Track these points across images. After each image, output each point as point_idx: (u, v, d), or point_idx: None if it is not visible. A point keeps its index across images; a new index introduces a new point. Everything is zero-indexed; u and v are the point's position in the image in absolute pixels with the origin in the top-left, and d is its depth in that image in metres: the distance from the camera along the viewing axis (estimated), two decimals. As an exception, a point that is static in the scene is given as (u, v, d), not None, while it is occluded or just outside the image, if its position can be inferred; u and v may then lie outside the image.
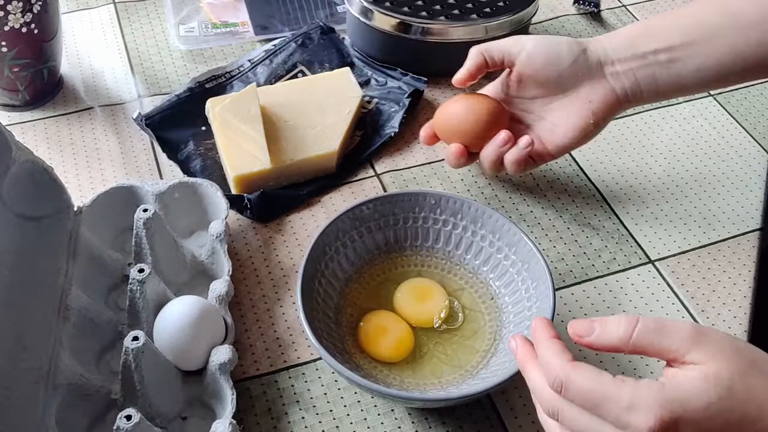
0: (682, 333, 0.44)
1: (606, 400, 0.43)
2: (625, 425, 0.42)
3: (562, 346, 0.47)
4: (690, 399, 0.42)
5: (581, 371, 0.44)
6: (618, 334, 0.45)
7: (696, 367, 0.43)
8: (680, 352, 0.43)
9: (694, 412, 0.42)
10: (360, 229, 0.67)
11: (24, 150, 0.63)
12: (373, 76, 0.88)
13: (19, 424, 0.54)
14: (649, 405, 0.42)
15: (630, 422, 0.42)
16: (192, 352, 0.59)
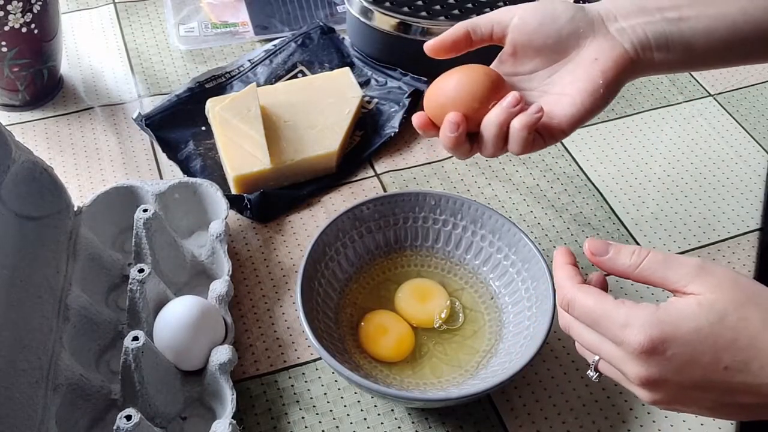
0: (686, 266, 0.46)
1: (604, 318, 0.46)
2: (620, 341, 0.45)
3: (573, 271, 0.50)
4: (681, 321, 0.44)
5: (585, 292, 0.47)
6: (627, 261, 0.48)
7: (694, 296, 0.45)
8: (681, 284, 0.45)
9: (684, 333, 0.44)
10: (360, 229, 0.67)
11: (24, 150, 0.63)
12: (373, 76, 0.88)
13: (19, 424, 0.54)
14: (642, 323, 0.44)
15: (624, 339, 0.44)
16: (192, 352, 0.59)
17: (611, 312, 0.46)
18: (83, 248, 0.64)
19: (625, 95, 0.88)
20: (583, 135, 0.83)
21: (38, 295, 0.61)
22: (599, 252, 0.49)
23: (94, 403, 0.58)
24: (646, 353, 0.44)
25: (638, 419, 0.60)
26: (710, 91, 0.89)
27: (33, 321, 0.59)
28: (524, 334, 0.60)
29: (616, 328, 0.45)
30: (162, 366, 0.57)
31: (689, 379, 0.44)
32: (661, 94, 0.88)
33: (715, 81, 0.90)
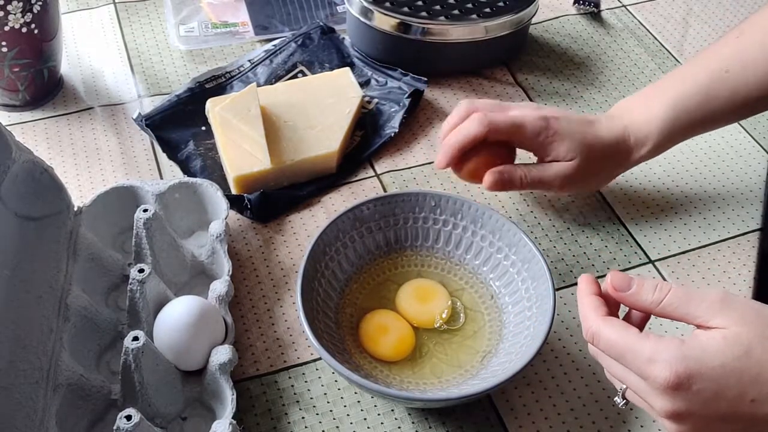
0: (708, 301, 0.46)
1: (630, 352, 0.46)
2: (646, 376, 0.45)
3: (598, 302, 0.50)
4: (706, 356, 0.44)
5: (610, 325, 0.48)
6: (649, 298, 0.48)
7: (719, 330, 0.45)
8: (705, 318, 0.46)
9: (709, 369, 0.44)
10: (360, 229, 0.67)
11: (24, 150, 0.63)
12: (373, 76, 0.88)
13: (19, 424, 0.54)
14: (667, 359, 0.45)
15: (650, 374, 0.45)
16: (192, 352, 0.59)
17: (636, 346, 0.46)
18: (83, 248, 0.64)
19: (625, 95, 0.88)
20: (583, 135, 0.83)
21: (38, 295, 0.61)
22: (622, 287, 0.49)
23: (94, 403, 0.58)
24: (672, 388, 0.44)
25: (638, 419, 0.60)
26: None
27: (33, 321, 0.59)
28: (524, 334, 0.60)
29: (641, 362, 0.46)
30: (162, 366, 0.57)
31: (715, 412, 0.44)
32: (661, 94, 0.88)
33: (715, 81, 0.90)
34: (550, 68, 0.90)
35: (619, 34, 0.95)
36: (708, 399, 0.44)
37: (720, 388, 0.44)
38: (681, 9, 1.00)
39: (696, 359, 0.44)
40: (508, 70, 0.90)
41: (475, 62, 0.89)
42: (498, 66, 0.90)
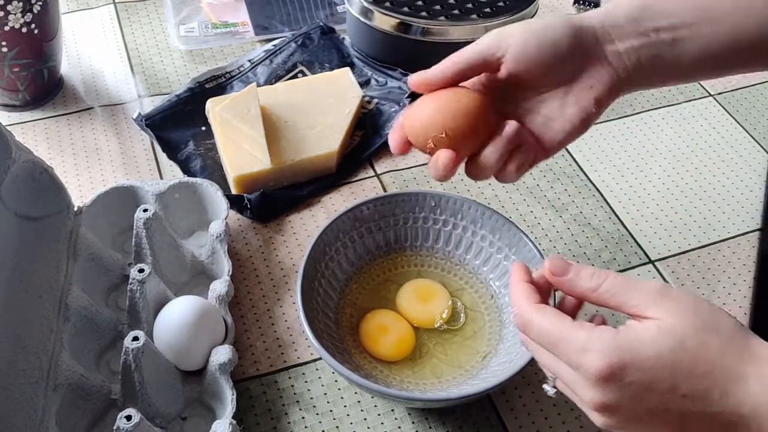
0: (645, 290, 0.45)
1: (562, 341, 0.45)
2: (577, 366, 0.44)
3: (530, 290, 0.48)
4: (641, 347, 0.43)
5: (543, 314, 0.46)
6: (586, 284, 0.46)
7: (654, 321, 0.44)
8: (641, 308, 0.45)
9: (642, 360, 0.43)
10: (360, 230, 0.67)
11: (24, 150, 0.63)
12: (373, 76, 0.88)
13: (19, 424, 0.54)
14: (601, 349, 0.43)
15: (581, 364, 0.43)
16: (192, 352, 0.59)
17: (569, 335, 0.45)
18: (83, 248, 0.64)
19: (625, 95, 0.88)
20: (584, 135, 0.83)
21: (38, 295, 0.61)
22: (559, 272, 0.48)
23: (94, 403, 0.58)
24: (604, 379, 0.43)
25: (638, 419, 0.60)
26: (710, 91, 0.89)
27: (33, 321, 0.59)
28: (524, 334, 0.60)
29: (573, 352, 0.44)
30: (162, 366, 0.57)
31: (645, 406, 0.43)
32: (661, 94, 0.88)
33: (715, 81, 0.90)
34: (550, 68, 0.90)
35: (619, 34, 0.95)
36: (639, 392, 0.43)
37: (652, 380, 0.43)
38: (681, 9, 0.99)
39: (630, 350, 0.43)
40: (508, 70, 0.90)
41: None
42: (498, 66, 0.90)
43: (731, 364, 0.42)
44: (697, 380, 0.42)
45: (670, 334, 0.43)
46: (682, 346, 0.43)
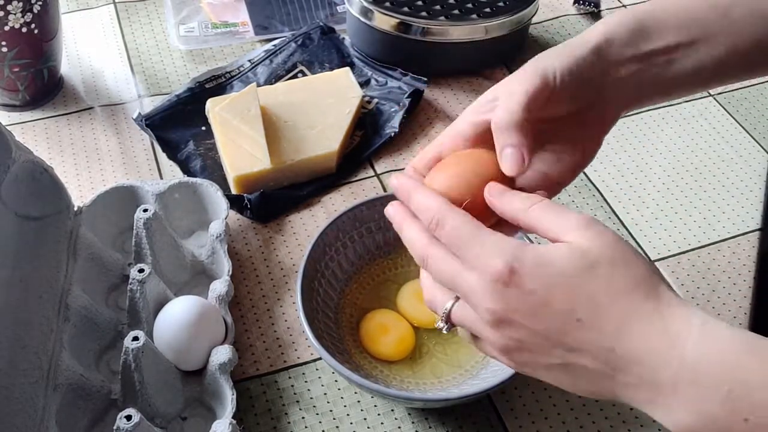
0: (572, 216, 0.44)
1: (473, 239, 0.43)
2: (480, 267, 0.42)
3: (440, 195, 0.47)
4: (547, 258, 0.42)
5: (461, 214, 0.45)
6: (518, 204, 0.45)
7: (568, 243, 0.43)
8: (562, 231, 0.43)
9: (544, 271, 0.41)
10: (360, 229, 0.67)
11: (24, 150, 0.63)
12: (373, 76, 0.88)
13: (19, 424, 0.54)
14: (505, 250, 0.42)
15: (484, 264, 0.42)
16: (192, 352, 0.59)
17: (481, 235, 0.43)
18: (83, 248, 0.64)
19: (625, 95, 0.88)
20: (583, 135, 0.83)
21: (38, 295, 0.61)
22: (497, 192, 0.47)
23: (94, 403, 0.58)
24: (501, 282, 0.41)
25: (638, 419, 0.60)
26: (710, 91, 0.89)
27: (33, 321, 0.59)
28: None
29: (479, 250, 0.43)
30: (162, 366, 0.57)
31: (540, 326, 0.42)
32: (661, 94, 0.88)
33: (715, 81, 0.90)
34: (550, 68, 0.90)
35: (619, 34, 0.95)
36: (536, 305, 0.41)
37: (551, 295, 0.41)
38: (681, 9, 0.99)
39: (535, 258, 0.42)
40: (508, 70, 0.90)
41: (475, 62, 0.89)
42: (498, 66, 0.90)
43: (635, 302, 0.41)
44: (596, 307, 0.41)
45: (580, 256, 0.42)
46: (589, 271, 0.41)
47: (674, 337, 0.40)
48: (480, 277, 0.43)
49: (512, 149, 0.48)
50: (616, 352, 0.40)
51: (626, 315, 0.40)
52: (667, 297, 0.41)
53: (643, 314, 0.40)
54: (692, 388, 0.39)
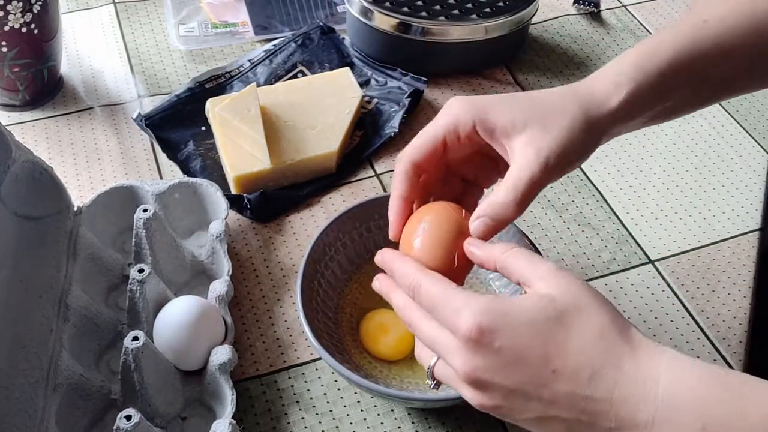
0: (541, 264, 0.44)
1: (444, 300, 0.44)
2: (454, 328, 0.43)
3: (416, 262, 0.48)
4: (515, 311, 0.42)
5: (431, 276, 0.46)
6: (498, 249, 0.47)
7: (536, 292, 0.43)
8: (531, 280, 0.44)
9: (515, 325, 0.42)
10: (360, 229, 0.67)
11: (24, 150, 0.63)
12: (373, 76, 0.88)
13: (19, 424, 0.54)
14: (474, 309, 0.42)
15: (456, 324, 0.43)
16: (192, 352, 0.59)
17: (451, 295, 0.44)
18: (83, 248, 0.64)
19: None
20: (583, 135, 0.83)
21: (38, 295, 0.61)
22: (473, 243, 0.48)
23: (94, 403, 0.58)
24: (473, 341, 0.42)
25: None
26: (710, 91, 0.89)
27: (33, 321, 0.59)
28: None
29: (451, 312, 0.43)
30: (162, 366, 0.57)
31: (515, 381, 0.42)
32: (661, 94, 0.88)
33: (715, 81, 0.90)
34: (550, 68, 0.90)
35: (619, 34, 0.95)
36: (509, 361, 0.42)
37: (523, 348, 0.41)
38: (681, 9, 1.00)
39: (503, 312, 0.42)
40: (507, 70, 0.90)
41: (475, 62, 0.89)
42: (498, 66, 0.90)
43: (606, 347, 0.41)
44: (568, 356, 0.41)
45: (548, 305, 0.42)
46: (558, 320, 0.42)
47: (647, 378, 0.40)
48: (452, 337, 0.44)
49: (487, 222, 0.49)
50: (592, 398, 0.41)
51: (599, 361, 0.41)
52: (637, 338, 0.42)
53: (614, 359, 0.41)
54: (668, 427, 0.39)
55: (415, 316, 0.47)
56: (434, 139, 0.52)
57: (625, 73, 0.51)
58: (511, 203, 0.48)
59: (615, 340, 0.41)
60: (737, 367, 0.64)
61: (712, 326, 0.67)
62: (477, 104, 0.51)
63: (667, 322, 0.67)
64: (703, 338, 0.66)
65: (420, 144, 0.52)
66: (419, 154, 0.52)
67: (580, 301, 0.42)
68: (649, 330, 0.66)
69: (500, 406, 0.43)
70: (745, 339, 0.66)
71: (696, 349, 0.65)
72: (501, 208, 0.48)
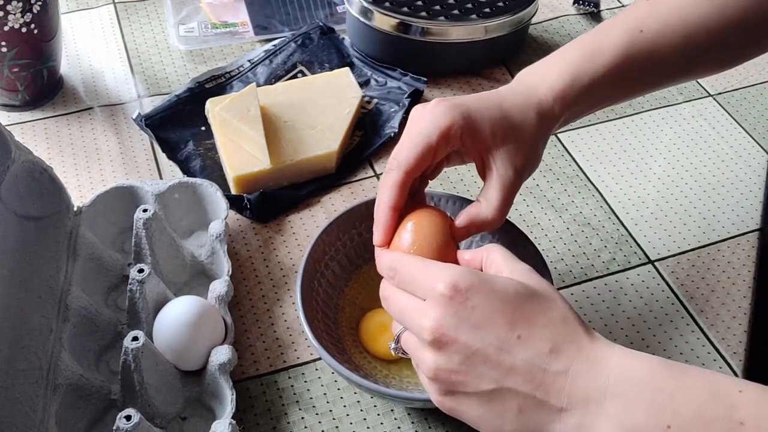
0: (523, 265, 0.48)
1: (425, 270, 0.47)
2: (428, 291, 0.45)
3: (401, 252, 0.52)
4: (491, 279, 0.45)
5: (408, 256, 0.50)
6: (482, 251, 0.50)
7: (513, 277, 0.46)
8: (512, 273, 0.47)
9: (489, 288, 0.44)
10: (360, 229, 0.67)
11: (24, 150, 0.63)
12: (373, 76, 0.88)
13: (19, 424, 0.54)
14: (454, 272, 0.45)
15: (434, 287, 0.45)
16: (191, 352, 0.59)
17: (432, 266, 0.46)
18: (83, 248, 0.64)
19: (624, 95, 0.88)
20: (583, 135, 0.83)
21: (38, 295, 0.61)
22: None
23: (94, 403, 0.58)
24: (448, 297, 0.44)
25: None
26: (710, 91, 0.89)
27: (33, 321, 0.59)
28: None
29: (429, 277, 0.45)
30: (162, 366, 0.57)
31: (480, 342, 0.43)
32: (660, 94, 0.88)
33: (714, 81, 0.90)
34: (549, 68, 0.90)
35: (618, 34, 0.95)
36: (478, 321, 0.43)
37: (493, 311, 0.43)
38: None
39: (480, 279, 0.45)
40: (507, 70, 0.90)
41: (474, 62, 0.89)
42: (498, 66, 0.90)
43: (567, 330, 0.44)
44: (534, 327, 0.43)
45: (521, 284, 0.45)
46: (530, 296, 0.45)
47: (602, 358, 0.43)
48: (424, 301, 0.46)
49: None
50: (550, 371, 0.42)
51: (561, 338, 0.43)
52: (595, 333, 0.45)
53: (575, 339, 0.43)
54: (618, 402, 0.41)
55: (390, 291, 0.49)
56: (429, 148, 0.53)
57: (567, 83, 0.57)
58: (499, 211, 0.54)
59: (577, 327, 0.44)
60: (737, 367, 0.64)
61: (711, 326, 0.67)
62: (462, 111, 0.53)
63: (667, 322, 0.67)
64: (703, 338, 0.66)
65: (416, 154, 0.53)
66: (415, 164, 0.53)
67: (549, 292, 0.46)
68: (649, 330, 0.66)
69: (457, 371, 0.44)
70: (745, 339, 0.66)
71: (696, 349, 0.65)
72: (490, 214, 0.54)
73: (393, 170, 0.53)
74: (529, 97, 0.56)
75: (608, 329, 0.67)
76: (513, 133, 0.54)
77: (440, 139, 0.53)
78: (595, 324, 0.67)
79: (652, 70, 0.59)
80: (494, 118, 0.54)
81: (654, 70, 0.59)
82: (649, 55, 0.57)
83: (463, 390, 0.45)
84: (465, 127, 0.53)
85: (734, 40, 0.59)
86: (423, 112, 0.54)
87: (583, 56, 0.57)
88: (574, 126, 0.83)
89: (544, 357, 0.43)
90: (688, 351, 0.65)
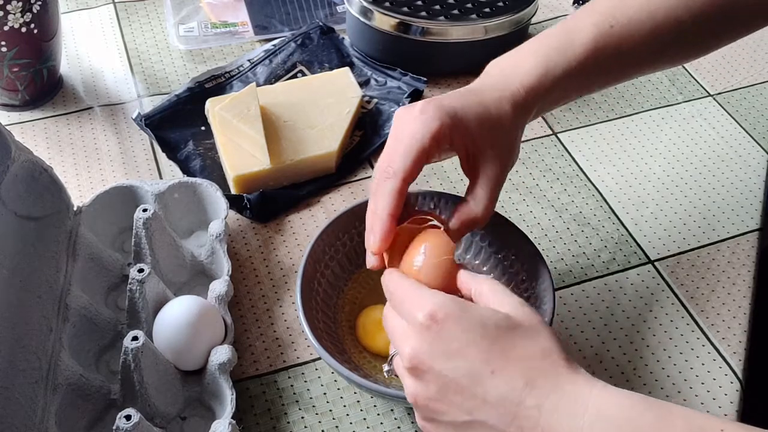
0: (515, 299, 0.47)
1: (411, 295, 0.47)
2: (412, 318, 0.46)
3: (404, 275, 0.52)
4: (471, 311, 0.45)
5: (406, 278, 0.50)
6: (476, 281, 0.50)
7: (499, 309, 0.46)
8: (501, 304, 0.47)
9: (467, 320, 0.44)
10: (360, 229, 0.66)
11: (24, 150, 0.63)
12: (373, 76, 0.88)
13: (19, 424, 0.54)
14: (435, 301, 0.45)
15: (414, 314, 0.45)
16: (191, 352, 0.59)
17: (419, 292, 0.47)
18: (83, 248, 0.64)
19: (624, 95, 0.88)
20: (583, 135, 0.83)
21: (38, 295, 0.61)
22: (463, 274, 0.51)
23: (94, 403, 0.58)
24: (425, 327, 0.44)
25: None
26: (710, 91, 0.89)
27: (33, 321, 0.59)
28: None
29: (413, 304, 0.46)
30: (161, 366, 0.57)
31: (454, 372, 0.43)
32: (660, 94, 0.88)
33: (714, 81, 0.90)
34: (549, 68, 0.90)
35: (618, 34, 0.95)
36: (453, 352, 0.43)
37: (468, 344, 0.43)
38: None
39: (460, 308, 0.45)
40: (507, 70, 0.90)
41: (474, 62, 0.89)
42: (498, 66, 0.90)
43: (547, 365, 0.43)
44: (509, 362, 0.43)
45: (504, 317, 0.45)
46: (510, 329, 0.44)
47: (579, 393, 0.42)
48: (409, 326, 0.46)
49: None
50: (523, 405, 0.42)
51: (537, 372, 0.43)
52: (578, 368, 0.44)
53: (552, 374, 0.43)
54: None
55: (388, 310, 0.50)
56: (423, 153, 0.53)
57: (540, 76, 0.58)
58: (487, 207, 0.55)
59: (558, 361, 0.43)
60: (737, 367, 0.64)
61: (711, 326, 0.67)
62: (449, 111, 0.54)
63: (667, 322, 0.67)
64: (703, 338, 0.66)
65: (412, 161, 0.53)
66: (412, 170, 0.53)
67: (534, 324, 0.45)
68: (649, 330, 0.66)
69: (433, 398, 0.45)
70: (745, 339, 0.66)
71: (696, 349, 0.65)
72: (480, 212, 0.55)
73: (390, 178, 0.53)
74: (503, 91, 0.57)
75: (608, 329, 0.67)
76: (495, 127, 0.55)
77: (432, 143, 0.53)
78: (595, 324, 0.67)
79: (620, 63, 0.60)
80: (479, 114, 0.55)
81: (622, 63, 0.60)
82: (617, 48, 0.59)
83: (441, 418, 0.45)
84: (453, 126, 0.53)
85: (699, 33, 0.61)
86: (410, 117, 0.54)
87: (555, 49, 0.59)
88: (574, 126, 0.84)
89: (518, 392, 0.42)
90: (688, 351, 0.65)
